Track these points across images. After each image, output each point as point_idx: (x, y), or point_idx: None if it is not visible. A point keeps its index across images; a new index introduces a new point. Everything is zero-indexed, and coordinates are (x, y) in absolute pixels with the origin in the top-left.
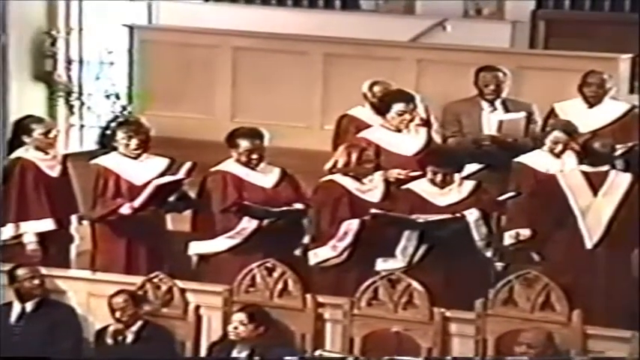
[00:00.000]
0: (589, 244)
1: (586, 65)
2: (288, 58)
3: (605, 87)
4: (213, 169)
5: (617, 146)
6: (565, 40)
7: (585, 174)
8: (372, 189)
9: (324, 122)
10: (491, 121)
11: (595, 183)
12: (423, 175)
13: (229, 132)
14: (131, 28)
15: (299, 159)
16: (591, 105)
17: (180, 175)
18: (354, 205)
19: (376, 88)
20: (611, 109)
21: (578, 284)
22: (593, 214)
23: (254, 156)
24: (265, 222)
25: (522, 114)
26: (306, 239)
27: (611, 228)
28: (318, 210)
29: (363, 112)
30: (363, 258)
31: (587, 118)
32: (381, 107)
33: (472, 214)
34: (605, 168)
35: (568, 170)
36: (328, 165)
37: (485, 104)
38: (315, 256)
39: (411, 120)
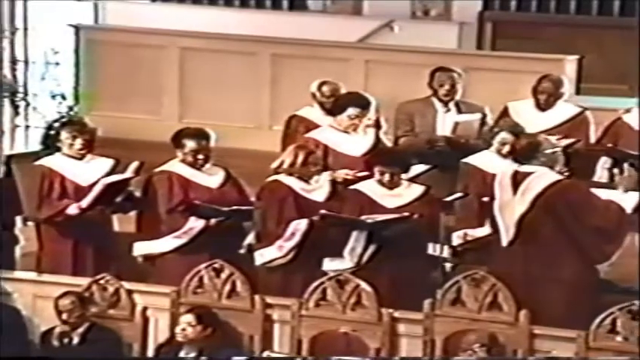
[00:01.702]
0: (504, 241)
1: (533, 66)
2: (236, 58)
3: (558, 93)
4: (157, 170)
5: (559, 143)
6: (512, 41)
7: (515, 173)
8: (317, 189)
9: (272, 123)
10: (446, 121)
11: (519, 182)
12: (371, 176)
13: (175, 132)
14: (77, 28)
15: (248, 159)
16: (542, 110)
17: (128, 174)
18: (300, 206)
19: (325, 88)
20: (561, 112)
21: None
22: (509, 211)
23: (200, 156)
24: (213, 221)
25: (478, 115)
26: (249, 239)
27: (522, 226)
28: (264, 210)
29: (312, 113)
30: (312, 258)
31: (538, 119)
32: (334, 108)
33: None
34: (538, 168)
35: (506, 170)
36: (274, 164)
37: (438, 105)
38: (261, 257)
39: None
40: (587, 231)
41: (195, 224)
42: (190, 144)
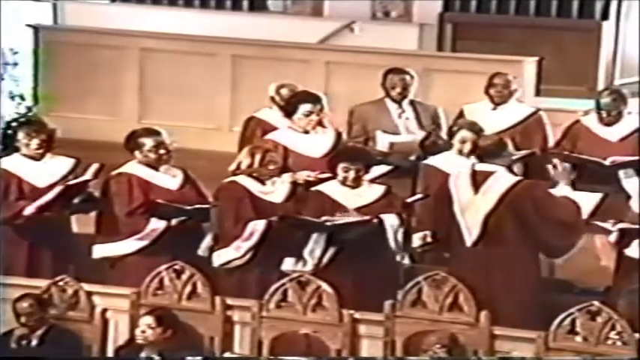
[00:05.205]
0: (468, 242)
1: (492, 68)
2: (196, 59)
3: (511, 88)
4: (115, 172)
5: (517, 151)
6: (472, 42)
7: (473, 173)
8: (274, 191)
9: (232, 124)
10: (384, 141)
11: (479, 182)
12: (333, 177)
13: (127, 136)
14: (36, 28)
15: (208, 160)
16: (496, 105)
17: (87, 176)
18: (257, 206)
19: (283, 91)
20: (515, 112)
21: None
22: (471, 212)
23: (162, 151)
24: (174, 221)
25: (418, 136)
26: (206, 241)
27: (488, 226)
28: (221, 211)
29: (270, 115)
30: (271, 259)
31: (493, 120)
32: (287, 108)
33: (389, 219)
34: (496, 168)
35: (459, 171)
36: (232, 166)
37: (392, 106)
38: (219, 258)
39: (319, 122)
40: (548, 225)
41: (158, 225)
42: (149, 142)
